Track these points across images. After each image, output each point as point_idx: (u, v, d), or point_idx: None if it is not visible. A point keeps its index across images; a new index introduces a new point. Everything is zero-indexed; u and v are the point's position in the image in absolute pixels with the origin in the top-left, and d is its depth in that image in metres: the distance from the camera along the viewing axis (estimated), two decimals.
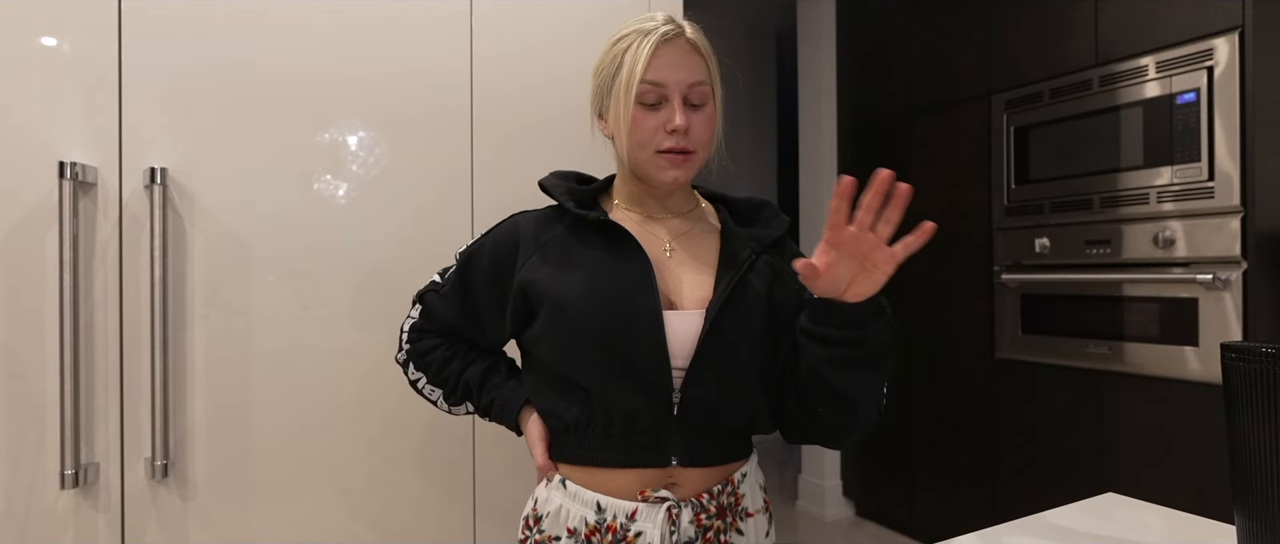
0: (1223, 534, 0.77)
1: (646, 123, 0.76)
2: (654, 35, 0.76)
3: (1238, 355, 0.61)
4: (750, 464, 0.85)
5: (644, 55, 0.75)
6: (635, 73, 0.75)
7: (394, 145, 1.18)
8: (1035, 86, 2.10)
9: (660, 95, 0.76)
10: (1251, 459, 0.60)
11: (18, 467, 0.96)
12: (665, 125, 0.76)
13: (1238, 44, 1.64)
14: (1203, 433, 1.71)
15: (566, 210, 0.82)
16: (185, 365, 1.05)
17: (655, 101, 0.76)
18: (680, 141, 0.76)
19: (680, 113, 0.75)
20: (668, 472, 0.77)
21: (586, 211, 0.80)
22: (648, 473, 0.77)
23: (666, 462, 0.76)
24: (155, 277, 1.00)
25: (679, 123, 0.75)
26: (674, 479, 0.77)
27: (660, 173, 0.78)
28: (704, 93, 0.78)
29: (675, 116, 0.75)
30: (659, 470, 0.77)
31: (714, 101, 0.80)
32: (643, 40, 0.76)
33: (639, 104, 0.76)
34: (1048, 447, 2.08)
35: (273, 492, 1.10)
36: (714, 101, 0.80)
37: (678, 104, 0.76)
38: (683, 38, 0.77)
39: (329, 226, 1.13)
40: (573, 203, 0.82)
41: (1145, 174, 1.83)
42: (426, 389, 0.90)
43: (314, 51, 1.12)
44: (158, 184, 1.00)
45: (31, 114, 0.97)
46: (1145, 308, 1.84)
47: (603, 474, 0.78)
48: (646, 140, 0.77)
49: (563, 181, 0.87)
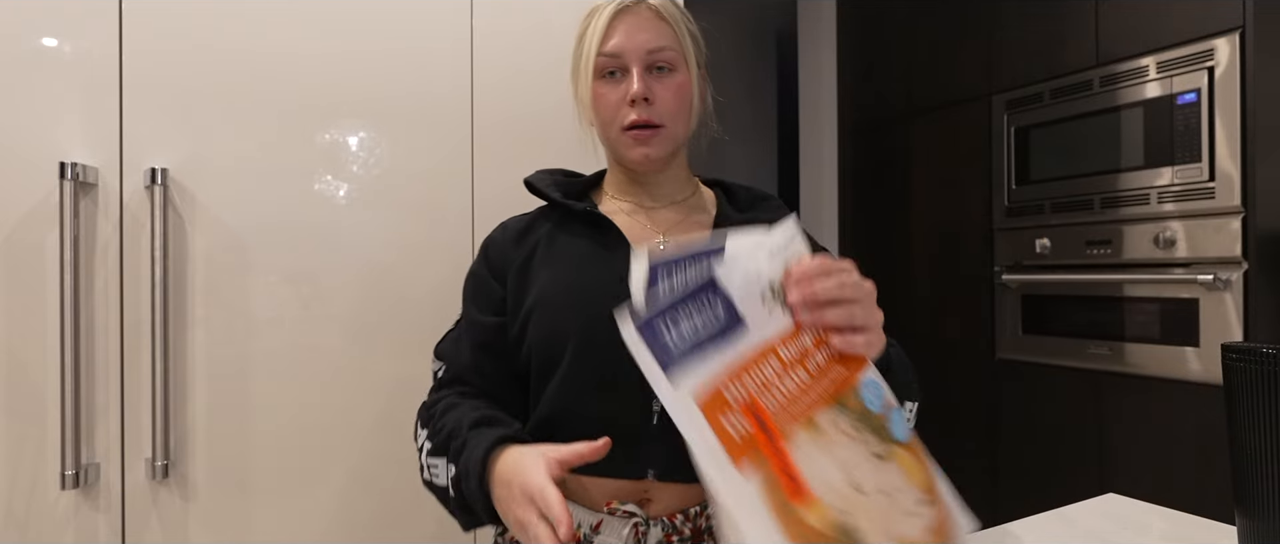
0: (1223, 534, 0.77)
1: (609, 97, 0.72)
2: (613, 4, 0.72)
3: (1238, 356, 0.61)
4: None
5: (601, 26, 0.71)
6: (593, 45, 0.71)
7: (394, 145, 1.18)
8: (1035, 87, 2.10)
9: (619, 66, 0.71)
10: (1252, 460, 0.60)
11: (18, 467, 0.96)
12: (626, 97, 0.71)
13: (1238, 44, 1.64)
14: (1203, 434, 1.71)
15: (555, 205, 0.78)
16: (186, 365, 1.05)
17: (615, 72, 0.71)
18: (643, 113, 0.70)
19: (639, 80, 0.70)
20: (642, 485, 0.71)
21: (573, 202, 0.76)
22: (620, 484, 0.70)
23: (642, 474, 0.70)
24: (156, 277, 1.00)
25: (635, 89, 0.69)
26: (648, 494, 0.71)
27: (629, 152, 0.73)
28: (670, 58, 0.72)
29: (633, 84, 0.69)
30: (633, 483, 0.70)
31: (687, 69, 0.73)
32: (602, 11, 0.72)
33: (598, 78, 0.72)
34: (1048, 447, 2.08)
35: (273, 492, 1.10)
36: (687, 69, 0.73)
37: (637, 73, 0.70)
38: (644, 4, 0.72)
39: (329, 226, 1.13)
40: (559, 193, 0.78)
41: (1146, 174, 1.83)
42: (423, 449, 0.72)
43: (314, 51, 1.12)
44: (158, 184, 1.00)
45: (32, 114, 0.97)
46: (1146, 308, 1.84)
47: (576, 483, 0.72)
48: (611, 116, 0.72)
49: (549, 176, 0.82)
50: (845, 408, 0.50)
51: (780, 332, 0.50)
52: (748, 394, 0.47)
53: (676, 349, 0.47)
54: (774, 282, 0.51)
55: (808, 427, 0.48)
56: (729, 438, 0.46)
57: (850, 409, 0.50)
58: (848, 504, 0.47)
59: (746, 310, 0.49)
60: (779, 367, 0.49)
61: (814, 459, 0.47)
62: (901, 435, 0.51)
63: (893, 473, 0.50)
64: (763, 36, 4.09)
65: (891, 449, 0.50)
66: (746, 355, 0.48)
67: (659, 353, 0.47)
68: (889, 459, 0.50)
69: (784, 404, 0.48)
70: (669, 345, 0.47)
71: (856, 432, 0.50)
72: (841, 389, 0.51)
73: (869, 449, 0.50)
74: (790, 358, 0.50)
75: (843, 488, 0.47)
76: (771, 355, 0.49)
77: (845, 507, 0.46)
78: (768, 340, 0.49)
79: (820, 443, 0.48)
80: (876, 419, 0.51)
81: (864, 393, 0.51)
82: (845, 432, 0.49)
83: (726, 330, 0.48)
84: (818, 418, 0.49)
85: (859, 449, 0.49)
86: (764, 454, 0.46)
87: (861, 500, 0.47)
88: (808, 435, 0.48)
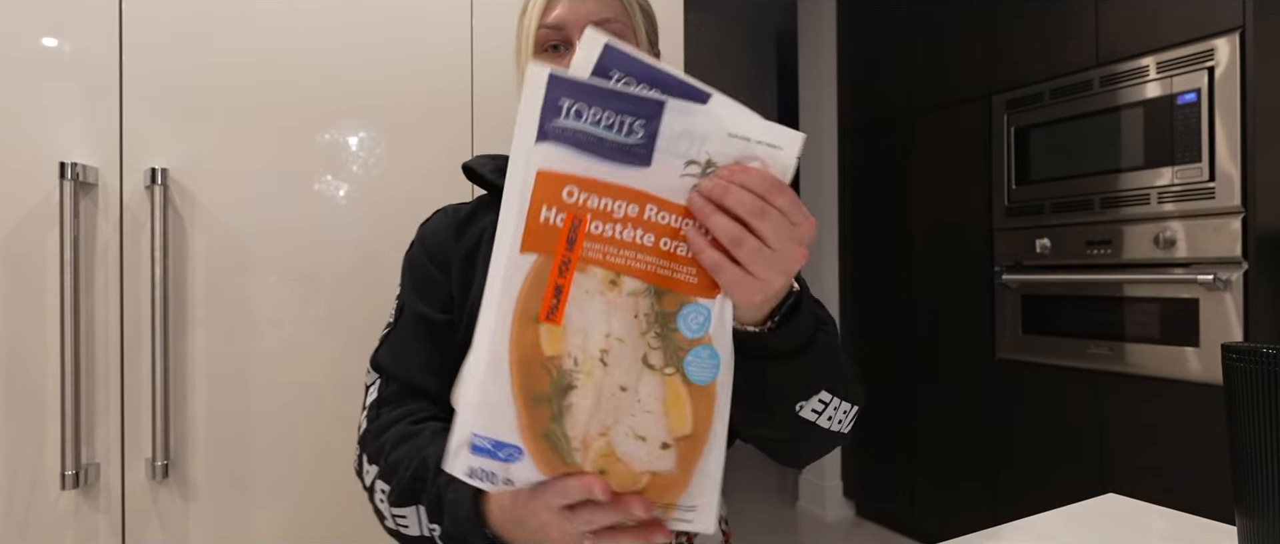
0: (1223, 534, 0.76)
1: None
2: None
3: (1239, 356, 0.61)
4: None
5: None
6: (533, 16, 0.66)
7: (394, 145, 1.18)
8: (1036, 87, 2.10)
9: (562, 39, 0.65)
10: (1252, 460, 0.60)
11: (18, 467, 0.96)
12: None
13: (1238, 44, 1.64)
14: (1203, 434, 1.71)
15: (500, 191, 0.71)
16: (186, 365, 1.05)
17: (558, 46, 0.66)
18: None
19: None
20: None
21: None
22: None
23: None
24: (156, 277, 1.00)
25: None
26: None
27: None
28: (618, 31, 0.66)
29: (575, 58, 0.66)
30: None
31: (638, 45, 0.67)
32: None
33: (540, 52, 0.66)
34: (1048, 447, 2.08)
35: (273, 492, 1.10)
36: (638, 45, 0.67)
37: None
38: None
39: (329, 226, 1.13)
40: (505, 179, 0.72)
41: (1146, 174, 1.83)
42: (378, 494, 0.61)
43: (314, 51, 1.12)
44: (158, 184, 1.00)
45: (32, 114, 0.97)
46: (1146, 308, 1.84)
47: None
48: None
49: (491, 161, 0.75)
50: (658, 300, 0.43)
51: (666, 194, 0.43)
52: (583, 206, 0.42)
53: (565, 123, 0.42)
54: (713, 162, 0.43)
55: (609, 280, 0.42)
56: (535, 219, 0.41)
57: (661, 308, 0.43)
58: (585, 367, 0.42)
59: (660, 160, 0.43)
60: (635, 214, 0.42)
61: (588, 306, 0.42)
62: (694, 375, 0.44)
63: (650, 390, 0.43)
64: (763, 36, 4.09)
65: (668, 376, 0.43)
66: (615, 182, 0.42)
67: (547, 112, 0.42)
68: (656, 376, 0.43)
69: (607, 243, 0.42)
70: (562, 113, 0.42)
71: (646, 326, 0.43)
72: (670, 285, 0.43)
73: (644, 351, 0.43)
74: (653, 220, 0.43)
75: (592, 350, 0.42)
76: (640, 200, 0.42)
77: (581, 366, 0.42)
78: (648, 190, 0.43)
79: (606, 300, 0.42)
80: (676, 337, 0.43)
81: (687, 310, 0.44)
82: (636, 313, 0.43)
83: (624, 153, 0.42)
84: (625, 281, 0.43)
85: (634, 342, 0.43)
86: (551, 258, 0.42)
87: (601, 377, 0.42)
88: (601, 284, 0.42)
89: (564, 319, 0.42)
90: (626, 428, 0.43)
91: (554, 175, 0.42)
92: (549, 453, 0.43)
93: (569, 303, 0.42)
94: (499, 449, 0.43)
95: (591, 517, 0.44)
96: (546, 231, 0.42)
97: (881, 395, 2.62)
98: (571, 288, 0.42)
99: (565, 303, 0.42)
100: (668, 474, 0.44)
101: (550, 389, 0.42)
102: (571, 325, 0.42)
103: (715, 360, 0.44)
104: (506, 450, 0.43)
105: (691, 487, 0.45)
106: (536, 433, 0.42)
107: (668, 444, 0.44)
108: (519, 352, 0.41)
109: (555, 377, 0.42)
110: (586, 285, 0.42)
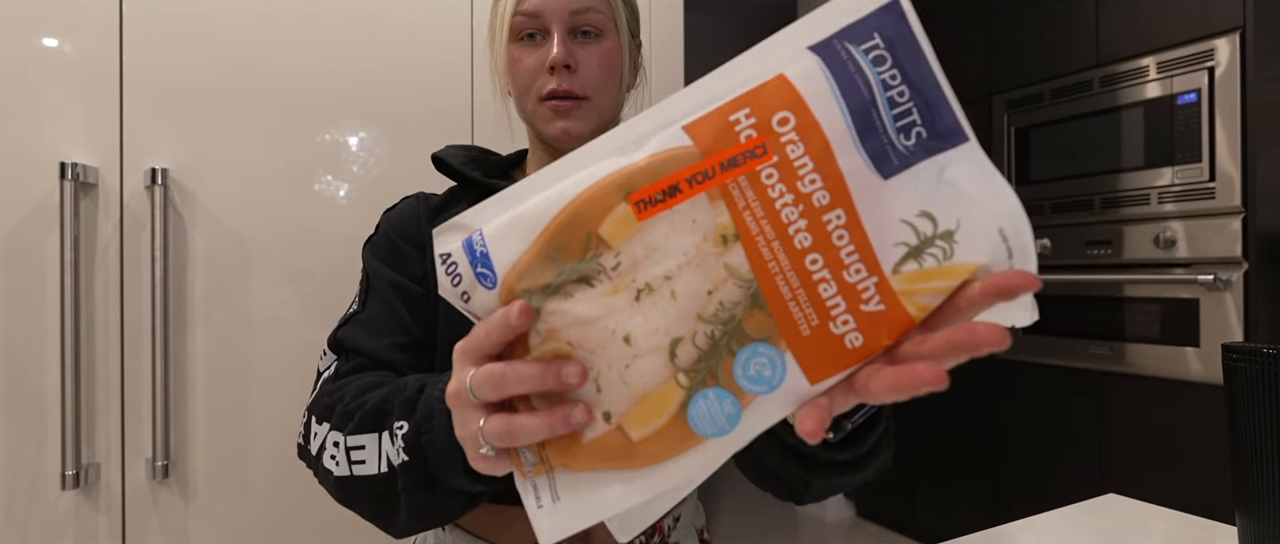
0: (1223, 535, 0.76)
1: (525, 62, 0.62)
2: None
3: (1239, 356, 0.61)
4: (687, 503, 0.68)
5: None
6: (509, 3, 0.62)
7: (394, 144, 1.18)
8: (1036, 87, 2.10)
9: (538, 26, 0.62)
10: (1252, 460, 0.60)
11: (18, 467, 0.96)
12: (544, 62, 0.61)
13: (1238, 44, 1.64)
14: (1203, 434, 1.71)
15: (472, 184, 0.68)
16: (186, 366, 1.05)
17: (534, 34, 0.62)
18: (563, 82, 0.61)
19: (559, 44, 0.61)
20: None
21: (497, 181, 0.67)
22: None
23: None
24: (156, 277, 1.00)
25: (555, 54, 0.60)
26: None
27: (547, 126, 0.63)
28: (597, 22, 0.62)
29: (552, 48, 0.61)
30: None
31: (617, 35, 0.64)
32: None
33: (515, 40, 0.63)
34: (1048, 447, 2.08)
35: (273, 492, 1.10)
36: (617, 35, 0.64)
37: (558, 35, 0.61)
38: None
39: (329, 226, 1.13)
40: (480, 172, 0.68)
41: (1146, 175, 1.83)
42: (328, 450, 0.52)
43: (314, 51, 1.12)
44: (159, 185, 1.00)
45: (33, 115, 0.97)
46: (1146, 309, 1.84)
47: (496, 513, 0.61)
48: (528, 84, 0.63)
49: (464, 151, 0.72)
50: (748, 308, 0.32)
51: (869, 223, 0.32)
52: (780, 145, 0.32)
53: (856, 57, 0.32)
54: (952, 238, 0.31)
55: (723, 235, 0.32)
56: (729, 110, 0.32)
57: (741, 321, 0.32)
58: (618, 283, 0.33)
59: (899, 187, 0.32)
60: (820, 206, 0.31)
61: (679, 236, 0.32)
62: (695, 416, 0.33)
63: (645, 373, 0.33)
64: (763, 37, 4.09)
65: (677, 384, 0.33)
66: (838, 159, 0.32)
67: (852, 30, 0.32)
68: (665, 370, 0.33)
69: (764, 203, 0.32)
70: (861, 45, 0.32)
71: (711, 315, 0.32)
72: (776, 308, 0.32)
73: (683, 334, 0.32)
74: (830, 228, 0.32)
75: (640, 275, 0.32)
76: (840, 200, 0.31)
77: (616, 278, 0.32)
78: (856, 200, 0.32)
79: (700, 248, 0.32)
80: (724, 363, 0.32)
81: (763, 351, 0.32)
82: (713, 290, 0.32)
83: (875, 144, 0.32)
84: (737, 252, 0.32)
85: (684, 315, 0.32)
86: (698, 156, 0.32)
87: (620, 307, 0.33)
88: (713, 230, 0.32)
89: (648, 220, 0.32)
90: (594, 364, 0.33)
91: (792, 91, 0.32)
92: None
93: (668, 212, 0.32)
94: (481, 263, 0.34)
95: (500, 377, 0.33)
96: (723, 131, 0.32)
97: None
98: (684, 203, 0.32)
99: (666, 208, 0.32)
100: (577, 437, 0.34)
101: (571, 262, 0.33)
102: (648, 233, 0.32)
103: (730, 424, 0.33)
104: (484, 272, 0.34)
105: (578, 477, 0.35)
106: (518, 284, 0.33)
107: (609, 417, 0.33)
108: (583, 205, 0.33)
109: (587, 259, 0.33)
110: (699, 215, 0.32)
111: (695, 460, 0.34)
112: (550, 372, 0.32)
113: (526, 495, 0.36)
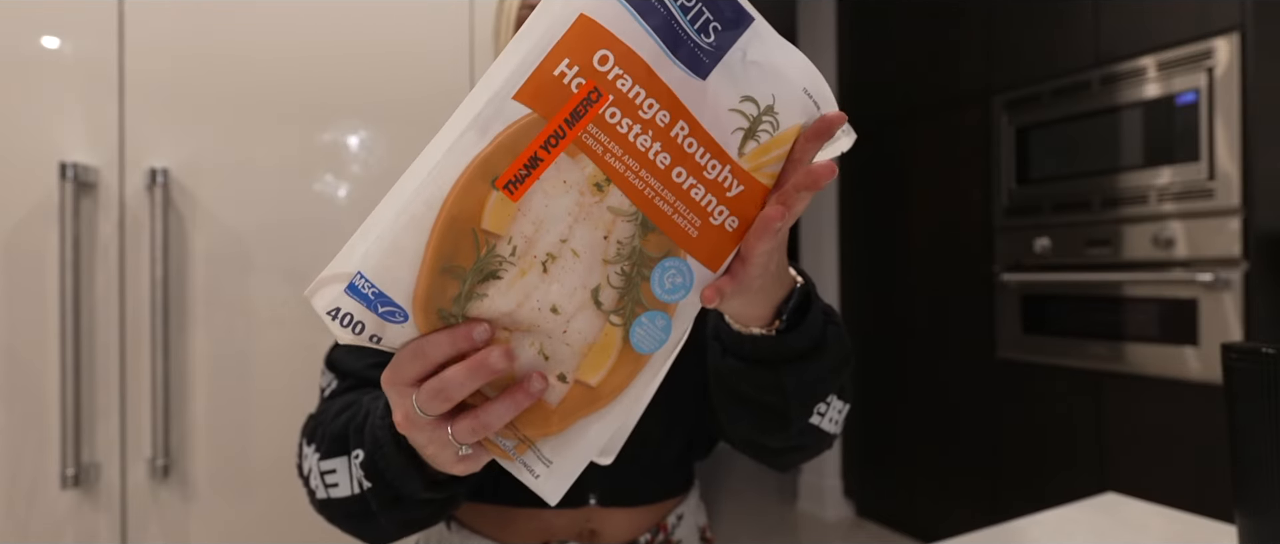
0: (1223, 534, 0.77)
1: None
2: None
3: (1239, 356, 0.61)
4: (689, 501, 0.69)
5: None
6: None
7: (394, 144, 1.18)
8: (1035, 87, 2.10)
9: None
10: (1252, 460, 0.60)
11: (18, 467, 0.96)
12: None
13: (1238, 44, 1.64)
14: (1203, 433, 1.71)
15: None
16: (186, 365, 1.05)
17: None
18: None
19: None
20: (584, 513, 0.62)
21: None
22: (559, 515, 0.61)
23: (583, 501, 0.61)
24: (156, 277, 1.00)
25: None
26: (592, 523, 0.62)
27: None
28: None
29: None
30: (573, 511, 0.62)
31: None
32: None
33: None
34: (1048, 447, 2.08)
35: (273, 492, 1.10)
36: None
37: None
38: None
39: (329, 226, 1.13)
40: None
41: (1145, 174, 1.83)
42: (314, 475, 0.54)
43: (314, 51, 1.12)
44: (159, 184, 1.00)
45: (33, 115, 0.97)
46: (1145, 308, 1.84)
47: (499, 514, 0.62)
48: None
49: None
50: (641, 234, 0.35)
51: (706, 121, 0.35)
52: (611, 83, 0.33)
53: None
54: (774, 113, 0.37)
55: (595, 183, 0.34)
56: (548, 68, 0.33)
57: (641, 247, 0.35)
58: (521, 264, 0.34)
59: (717, 80, 0.36)
60: (663, 124, 0.34)
61: (558, 199, 0.34)
62: (637, 340, 0.36)
63: (582, 327, 0.35)
64: None
65: (612, 324, 0.36)
66: (661, 77, 0.34)
67: None
68: (597, 318, 0.36)
69: (617, 140, 0.34)
70: None
71: (614, 256, 0.35)
72: (664, 224, 0.35)
73: (598, 283, 0.35)
74: (679, 140, 0.35)
75: (538, 249, 0.34)
76: (676, 113, 0.35)
77: (517, 260, 0.34)
78: (689, 106, 0.35)
79: (581, 203, 0.34)
80: (641, 288, 0.36)
81: (669, 264, 0.36)
82: (608, 235, 0.35)
83: (686, 51, 0.35)
84: (613, 192, 0.34)
85: (591, 266, 0.35)
86: (542, 122, 0.33)
87: (534, 284, 0.34)
88: (584, 182, 0.34)
89: (523, 198, 0.33)
90: (534, 338, 0.36)
91: (597, 28, 0.33)
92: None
93: (538, 183, 0.33)
94: (380, 303, 0.34)
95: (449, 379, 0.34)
96: (554, 90, 0.33)
97: (882, 395, 2.62)
98: (549, 168, 0.33)
99: (534, 181, 0.33)
100: (545, 406, 0.36)
101: (469, 266, 0.33)
102: (528, 209, 0.33)
103: (666, 334, 0.37)
104: (390, 309, 0.34)
105: (560, 438, 0.37)
106: (431, 307, 0.34)
107: (565, 377, 0.36)
108: (455, 208, 0.33)
109: (482, 256, 0.33)
110: (568, 174, 0.33)
111: (649, 374, 0.38)
112: (482, 366, 0.33)
113: (521, 474, 0.38)
